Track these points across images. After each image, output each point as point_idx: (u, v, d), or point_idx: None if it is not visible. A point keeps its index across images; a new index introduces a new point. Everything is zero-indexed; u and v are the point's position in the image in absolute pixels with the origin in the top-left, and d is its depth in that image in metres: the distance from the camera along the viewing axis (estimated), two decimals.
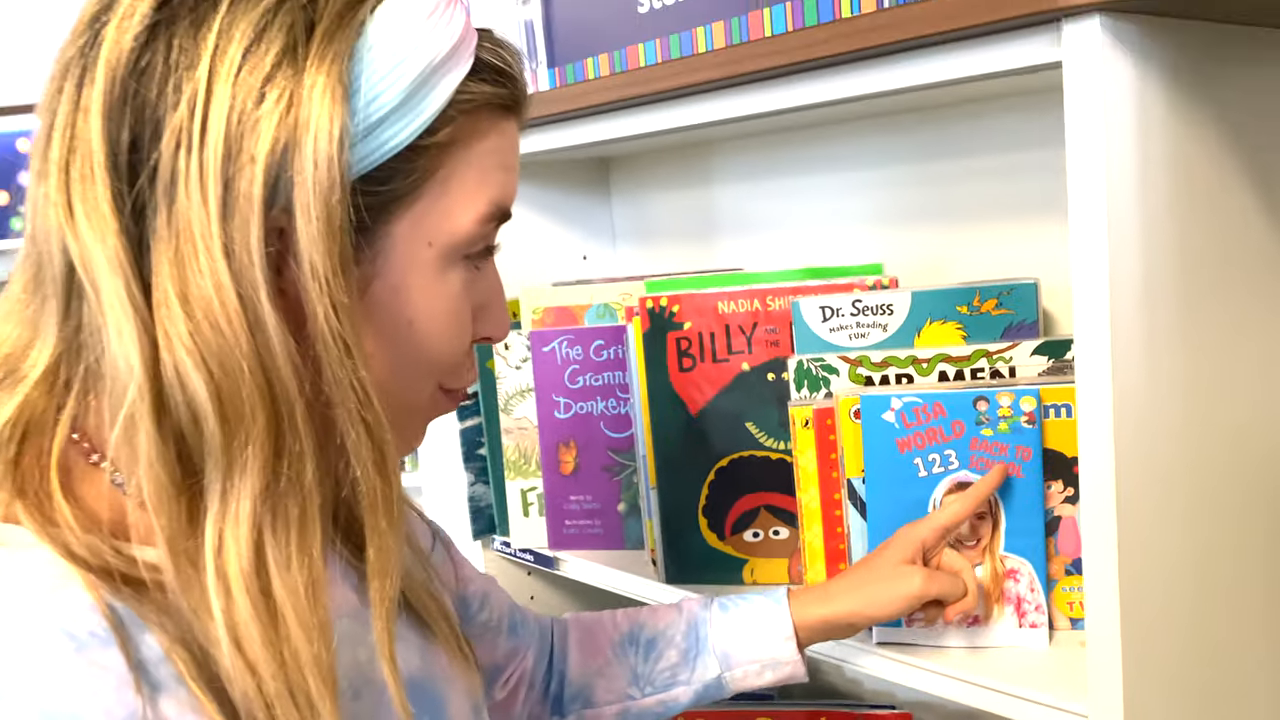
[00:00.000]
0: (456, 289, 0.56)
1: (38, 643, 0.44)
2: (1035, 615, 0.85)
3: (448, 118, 0.53)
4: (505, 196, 0.58)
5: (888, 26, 0.73)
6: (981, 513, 0.84)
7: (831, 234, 1.15)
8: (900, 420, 0.84)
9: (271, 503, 0.47)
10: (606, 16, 1.03)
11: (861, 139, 1.12)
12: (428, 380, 0.57)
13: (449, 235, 0.55)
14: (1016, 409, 0.82)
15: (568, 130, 1.06)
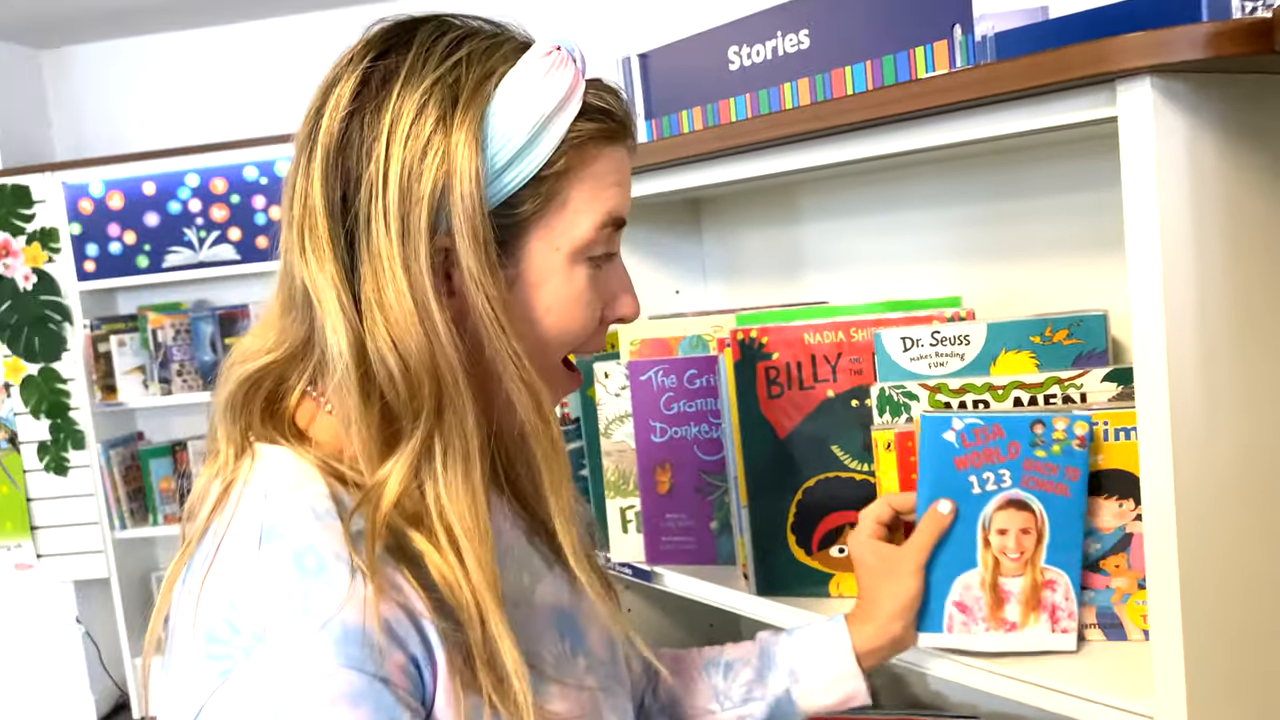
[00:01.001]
0: (583, 283, 0.73)
1: (292, 512, 0.67)
2: (1067, 621, 0.91)
3: (561, 153, 0.70)
4: (617, 207, 0.74)
5: (956, 88, 0.81)
6: (1026, 528, 0.90)
7: (912, 269, 1.23)
8: (960, 440, 0.90)
9: (442, 442, 0.68)
10: (700, 72, 1.13)
11: (941, 179, 1.19)
12: (560, 353, 0.75)
13: (572, 241, 0.72)
14: (1070, 433, 0.87)
15: (664, 178, 1.15)
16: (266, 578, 0.64)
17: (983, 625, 0.92)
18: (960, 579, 0.92)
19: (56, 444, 3.63)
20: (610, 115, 0.73)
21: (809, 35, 0.99)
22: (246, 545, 0.66)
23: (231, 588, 0.65)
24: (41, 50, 3.89)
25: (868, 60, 0.94)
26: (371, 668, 0.62)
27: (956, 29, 0.86)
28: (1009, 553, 0.91)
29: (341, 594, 0.63)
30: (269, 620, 0.62)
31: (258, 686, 0.61)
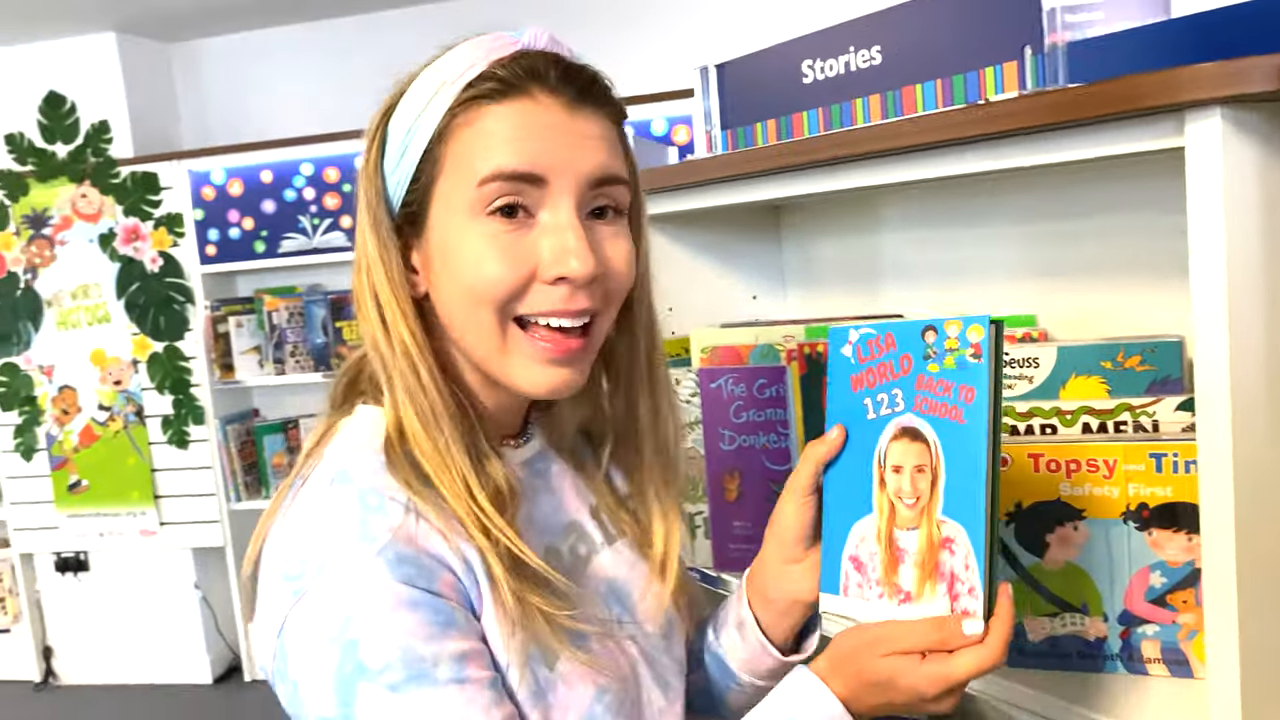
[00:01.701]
0: (482, 237, 0.74)
1: (364, 460, 0.76)
2: (968, 599, 0.71)
3: (444, 123, 0.75)
4: (500, 163, 0.73)
5: (1022, 113, 0.80)
6: (921, 465, 0.73)
7: (989, 284, 1.20)
8: (856, 354, 0.78)
9: (414, 406, 0.76)
10: (774, 85, 1.13)
11: (1023, 194, 1.16)
12: (483, 307, 0.75)
13: (457, 198, 0.75)
14: (964, 340, 0.72)
15: (738, 189, 1.16)
16: (334, 512, 0.74)
17: (876, 589, 0.76)
18: (857, 527, 0.77)
19: (178, 418, 3.82)
20: (495, 76, 0.75)
21: (881, 52, 0.99)
22: (321, 485, 0.76)
23: (305, 520, 0.74)
24: (171, 44, 4.08)
25: (938, 79, 0.93)
26: (423, 583, 0.71)
27: (1027, 50, 0.84)
28: (904, 496, 0.74)
29: (395, 524, 0.72)
30: (335, 546, 0.72)
31: (328, 600, 0.70)
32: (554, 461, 0.90)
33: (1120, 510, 0.90)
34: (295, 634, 0.71)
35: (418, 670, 0.69)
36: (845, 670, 0.75)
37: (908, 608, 0.74)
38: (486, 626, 0.74)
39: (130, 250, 3.76)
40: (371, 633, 0.69)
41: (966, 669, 0.71)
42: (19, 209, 3.83)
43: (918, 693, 0.72)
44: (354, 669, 0.69)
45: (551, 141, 0.74)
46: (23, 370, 3.91)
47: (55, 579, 4.03)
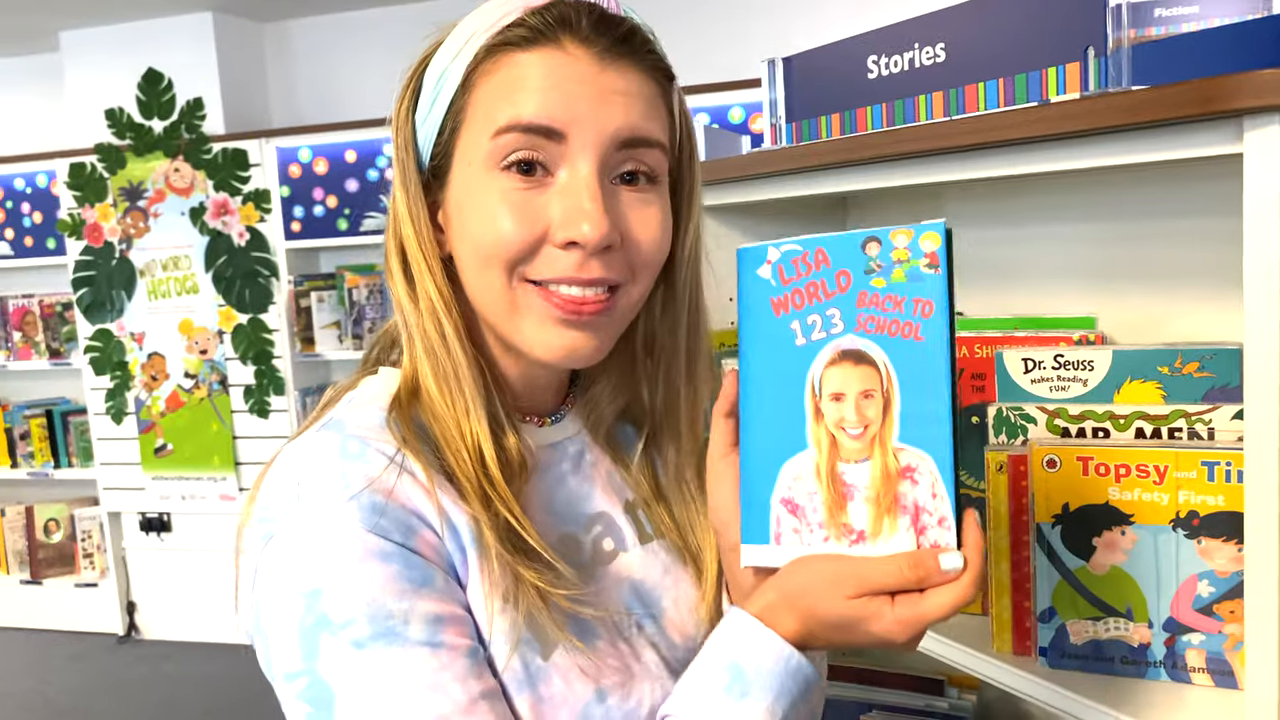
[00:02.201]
0: (496, 193, 0.70)
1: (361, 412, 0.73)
2: (938, 531, 0.64)
3: (469, 73, 0.71)
4: (518, 114, 0.69)
5: (1082, 115, 0.79)
6: (869, 390, 0.65)
7: (1052, 283, 1.19)
8: (777, 275, 0.68)
9: (432, 365, 0.73)
10: (839, 79, 1.13)
11: (1090, 193, 1.15)
12: (493, 266, 0.71)
13: (475, 151, 0.71)
14: (915, 250, 0.64)
15: (801, 182, 1.17)
16: (312, 456, 0.69)
17: (820, 533, 0.67)
18: (788, 467, 0.68)
19: (260, 388, 3.95)
20: (524, 24, 0.70)
21: (945, 49, 0.98)
22: (309, 433, 0.72)
23: (285, 463, 0.71)
24: (264, 24, 4.20)
25: (1000, 78, 0.93)
26: (398, 538, 0.66)
27: (1090, 51, 0.84)
28: (848, 426, 0.66)
29: (374, 473, 0.67)
30: (305, 488, 0.67)
31: (293, 547, 0.66)
32: (588, 449, 0.83)
33: (1170, 517, 0.89)
34: (263, 583, 0.67)
35: (385, 627, 0.64)
36: (798, 606, 0.66)
37: (862, 547, 0.65)
38: (472, 598, 0.69)
39: (219, 224, 3.89)
40: (335, 583, 0.64)
41: (942, 608, 0.63)
42: (116, 181, 3.99)
43: (887, 637, 0.64)
44: (316, 621, 0.64)
45: (575, 94, 0.69)
46: (115, 337, 4.08)
47: (140, 538, 4.20)
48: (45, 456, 4.37)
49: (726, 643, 0.67)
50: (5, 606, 4.42)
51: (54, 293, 4.35)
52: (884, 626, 0.63)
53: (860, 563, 0.64)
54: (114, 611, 4.27)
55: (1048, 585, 0.95)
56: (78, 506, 4.37)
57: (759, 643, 0.66)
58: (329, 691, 0.64)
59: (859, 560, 0.65)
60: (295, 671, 0.65)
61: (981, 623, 1.04)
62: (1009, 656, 0.99)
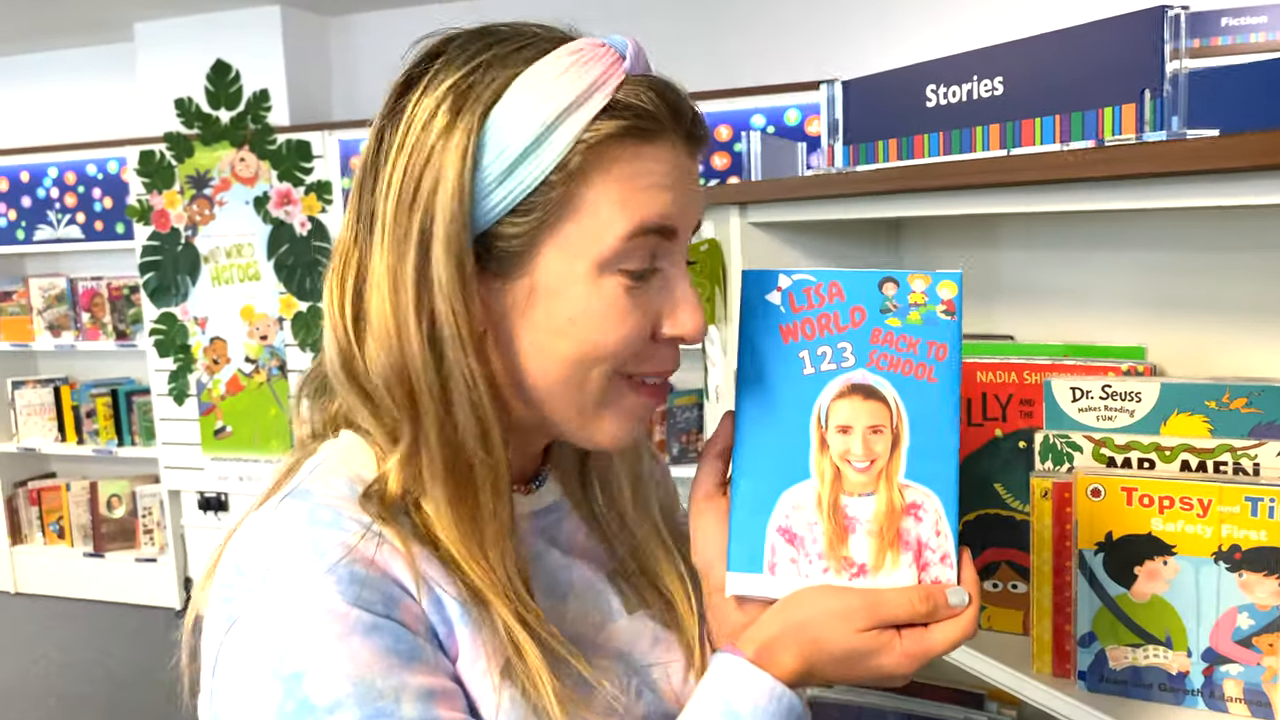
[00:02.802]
0: (614, 296, 0.65)
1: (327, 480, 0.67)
2: (940, 568, 0.66)
3: (575, 154, 0.63)
4: (653, 214, 0.65)
5: (1134, 159, 0.81)
6: (878, 425, 0.66)
7: (1104, 311, 1.21)
8: (787, 302, 0.69)
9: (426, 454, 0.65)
10: (898, 106, 1.16)
11: (1146, 223, 1.16)
12: (597, 367, 0.67)
13: (597, 251, 0.65)
14: (933, 296, 0.67)
15: (858, 205, 1.19)
16: (278, 527, 0.64)
17: (819, 564, 0.67)
18: (787, 496, 0.68)
19: None
20: (642, 111, 0.65)
21: (1003, 83, 1.01)
22: (271, 504, 0.66)
23: (245, 538, 0.65)
24: (329, 17, 4.28)
25: (1057, 114, 0.95)
26: (382, 609, 0.61)
27: (1146, 94, 0.86)
28: (854, 459, 0.67)
29: (351, 542, 0.61)
30: (273, 563, 0.61)
31: (265, 626, 0.60)
32: (567, 517, 0.79)
33: (1212, 550, 0.91)
34: (227, 670, 0.60)
35: (375, 709, 0.58)
36: (802, 639, 0.65)
37: (863, 580, 0.66)
38: (464, 672, 0.64)
39: (281, 213, 3.99)
40: (318, 663, 0.58)
41: (947, 641, 0.65)
42: (184, 169, 4.10)
43: (894, 671, 0.65)
44: (298, 707, 0.57)
45: (684, 192, 0.67)
46: (179, 320, 4.20)
47: (198, 516, 4.33)
48: (110, 434, 4.52)
49: (718, 683, 0.66)
50: (70, 578, 4.58)
51: (122, 276, 4.49)
52: (893, 660, 0.64)
53: (873, 594, 0.65)
54: (172, 587, 4.41)
55: (1089, 610, 0.97)
56: (139, 484, 4.51)
57: (750, 682, 0.65)
58: None
59: (871, 592, 0.65)
60: None
61: (1023, 643, 1.07)
62: (1048, 678, 1.01)
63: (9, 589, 4.68)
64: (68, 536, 4.62)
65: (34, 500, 4.66)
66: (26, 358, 4.83)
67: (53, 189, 4.50)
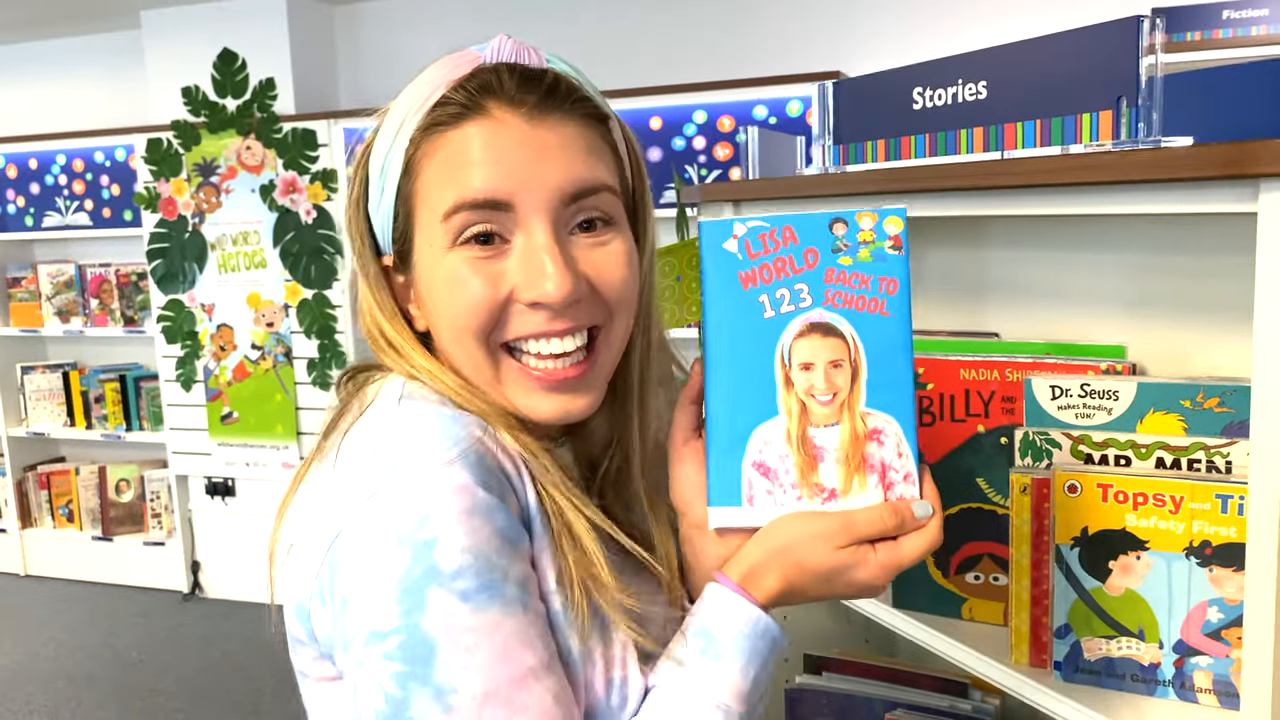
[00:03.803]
0: (456, 268, 0.72)
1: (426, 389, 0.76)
2: (904, 486, 0.72)
3: (409, 155, 0.73)
4: (466, 192, 0.71)
5: (1105, 166, 0.84)
6: (838, 360, 0.72)
7: (1087, 309, 1.23)
8: (744, 249, 0.72)
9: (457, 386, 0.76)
10: (886, 108, 1.18)
11: (1127, 224, 1.18)
12: (467, 338, 0.74)
13: (434, 232, 0.73)
14: (880, 233, 0.71)
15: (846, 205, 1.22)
16: (408, 418, 0.71)
17: (793, 493, 0.73)
18: (758, 433, 0.74)
19: (323, 362, 4.09)
20: (450, 100, 0.71)
21: (987, 87, 1.03)
22: (387, 405, 0.73)
23: (373, 433, 0.71)
24: (335, 6, 4.30)
25: (1038, 119, 0.97)
26: (499, 495, 0.68)
27: (1122, 101, 0.88)
28: (818, 394, 0.72)
29: (477, 432, 0.70)
30: (410, 446, 0.68)
31: (401, 499, 0.66)
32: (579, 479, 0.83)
33: (1184, 545, 0.94)
34: (355, 541, 0.66)
35: (489, 580, 0.65)
36: (785, 561, 0.72)
37: (835, 504, 0.72)
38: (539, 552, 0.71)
39: (287, 201, 4.02)
40: (449, 533, 0.64)
41: (917, 549, 0.72)
42: (190, 157, 4.12)
43: (871, 582, 0.72)
44: (425, 572, 0.64)
45: (513, 161, 0.70)
46: (187, 307, 4.24)
47: (205, 501, 4.38)
48: (118, 420, 4.56)
49: (702, 610, 0.73)
50: (79, 561, 4.64)
51: (130, 263, 4.53)
52: (869, 572, 0.72)
53: (846, 515, 0.72)
54: (179, 570, 4.46)
55: (1065, 603, 1.00)
56: (147, 468, 4.56)
57: (730, 609, 0.72)
58: (429, 644, 0.64)
59: (844, 513, 0.72)
60: (387, 629, 0.64)
61: (1003, 634, 1.09)
62: (1026, 668, 1.04)
63: (19, 571, 4.74)
64: (77, 520, 4.68)
65: (43, 484, 4.72)
66: (36, 343, 4.87)
67: (61, 176, 4.54)
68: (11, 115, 4.82)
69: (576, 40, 3.89)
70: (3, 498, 4.76)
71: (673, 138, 3.55)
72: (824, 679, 1.41)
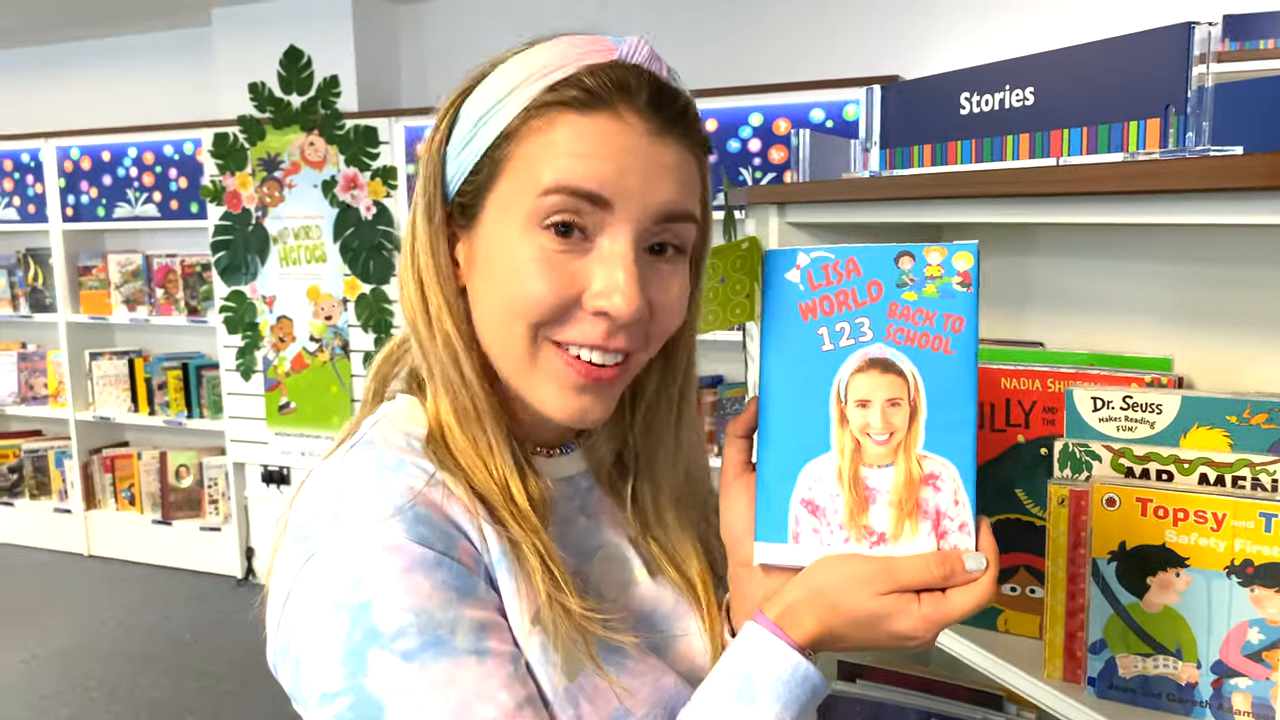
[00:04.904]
0: (536, 250, 0.69)
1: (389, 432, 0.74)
2: (958, 536, 0.68)
3: (517, 122, 0.70)
4: (572, 177, 0.68)
5: (1151, 175, 0.82)
6: (896, 398, 0.69)
7: (1136, 319, 1.21)
8: (806, 280, 0.71)
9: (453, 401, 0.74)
10: (933, 112, 1.17)
11: (1178, 234, 1.16)
12: (518, 323, 0.71)
13: (522, 206, 0.70)
14: (949, 268, 0.68)
15: (890, 209, 1.21)
16: (348, 473, 0.70)
17: (840, 534, 0.70)
18: (809, 469, 0.71)
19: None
20: (586, 85, 0.69)
21: (1034, 93, 1.01)
22: (338, 455, 0.73)
23: (318, 484, 0.71)
24: (399, 5, 4.36)
25: (1084, 126, 0.96)
26: (441, 547, 0.67)
27: (1170, 110, 0.86)
28: (874, 432, 0.69)
29: (416, 486, 0.68)
30: (346, 504, 0.68)
31: (337, 562, 0.65)
32: (595, 486, 0.84)
33: (1225, 564, 0.92)
34: (300, 606, 0.67)
35: (434, 636, 0.64)
36: (822, 603, 0.69)
37: (884, 549, 0.69)
38: (508, 592, 0.70)
39: (348, 197, 4.08)
40: (384, 594, 0.64)
41: (965, 606, 0.67)
42: (255, 152, 4.21)
43: (911, 634, 0.67)
44: (365, 635, 0.64)
45: (627, 165, 0.69)
46: (248, 298, 4.33)
47: (261, 489, 4.47)
48: (179, 406, 4.68)
49: (738, 651, 0.70)
50: (138, 543, 4.76)
51: (194, 254, 4.63)
52: (910, 624, 0.67)
53: (890, 561, 0.68)
54: (234, 555, 4.55)
55: (1100, 618, 0.98)
56: (206, 455, 4.66)
57: (769, 652, 0.69)
58: (377, 706, 0.64)
59: (888, 559, 0.68)
60: (336, 690, 0.64)
61: (1038, 647, 1.08)
62: (1059, 683, 1.02)
63: (82, 551, 4.88)
64: (138, 503, 4.80)
65: (108, 467, 4.85)
66: (104, 330, 5.01)
67: (132, 168, 4.66)
68: (87, 109, 4.96)
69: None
70: (70, 479, 4.91)
71: (728, 140, 3.54)
72: (858, 686, 1.40)
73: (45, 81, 5.13)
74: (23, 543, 5.05)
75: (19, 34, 4.87)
